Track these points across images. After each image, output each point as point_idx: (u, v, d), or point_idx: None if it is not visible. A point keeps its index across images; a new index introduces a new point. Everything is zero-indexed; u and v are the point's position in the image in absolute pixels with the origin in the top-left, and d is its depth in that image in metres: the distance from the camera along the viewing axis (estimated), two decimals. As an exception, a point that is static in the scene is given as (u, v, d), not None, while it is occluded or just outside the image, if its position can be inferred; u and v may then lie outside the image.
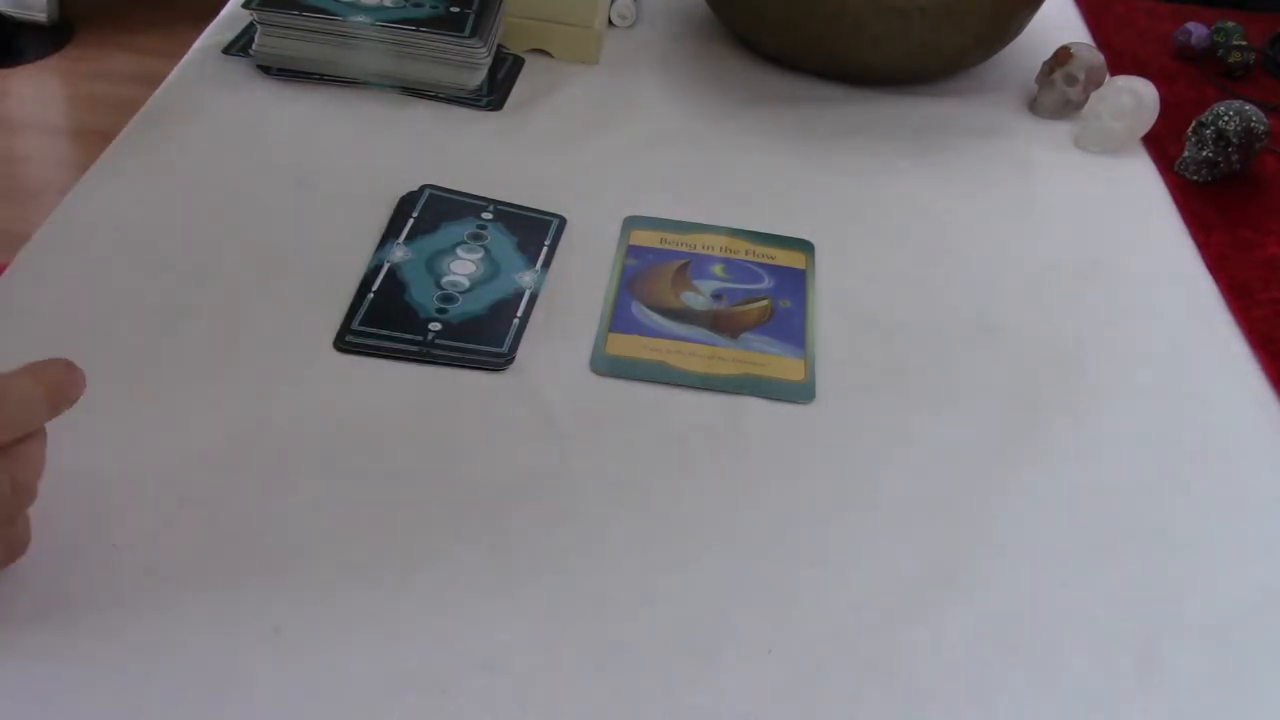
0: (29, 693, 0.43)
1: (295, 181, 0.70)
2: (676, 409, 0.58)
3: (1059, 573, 0.52)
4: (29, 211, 1.92)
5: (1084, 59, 0.84)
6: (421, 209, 0.68)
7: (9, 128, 2.12)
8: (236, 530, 0.49)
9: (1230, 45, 0.94)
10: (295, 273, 0.63)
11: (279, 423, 0.54)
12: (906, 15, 0.78)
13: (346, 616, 0.47)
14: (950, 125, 0.83)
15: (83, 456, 0.51)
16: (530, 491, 0.53)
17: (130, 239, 0.64)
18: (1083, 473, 0.57)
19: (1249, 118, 0.79)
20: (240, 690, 0.44)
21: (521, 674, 0.45)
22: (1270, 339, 0.67)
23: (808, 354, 0.62)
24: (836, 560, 0.51)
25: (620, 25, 0.91)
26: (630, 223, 0.70)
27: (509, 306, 0.62)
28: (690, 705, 0.45)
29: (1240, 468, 0.59)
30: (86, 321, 0.59)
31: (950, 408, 0.60)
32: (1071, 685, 0.47)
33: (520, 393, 0.58)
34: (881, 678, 0.47)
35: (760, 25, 0.84)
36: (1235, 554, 0.54)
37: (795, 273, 0.67)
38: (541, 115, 0.79)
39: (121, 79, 2.27)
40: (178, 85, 0.78)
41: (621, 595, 0.49)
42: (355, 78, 0.78)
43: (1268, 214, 0.79)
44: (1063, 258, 0.72)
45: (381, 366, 0.58)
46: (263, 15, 0.77)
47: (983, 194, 0.77)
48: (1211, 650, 0.49)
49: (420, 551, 0.50)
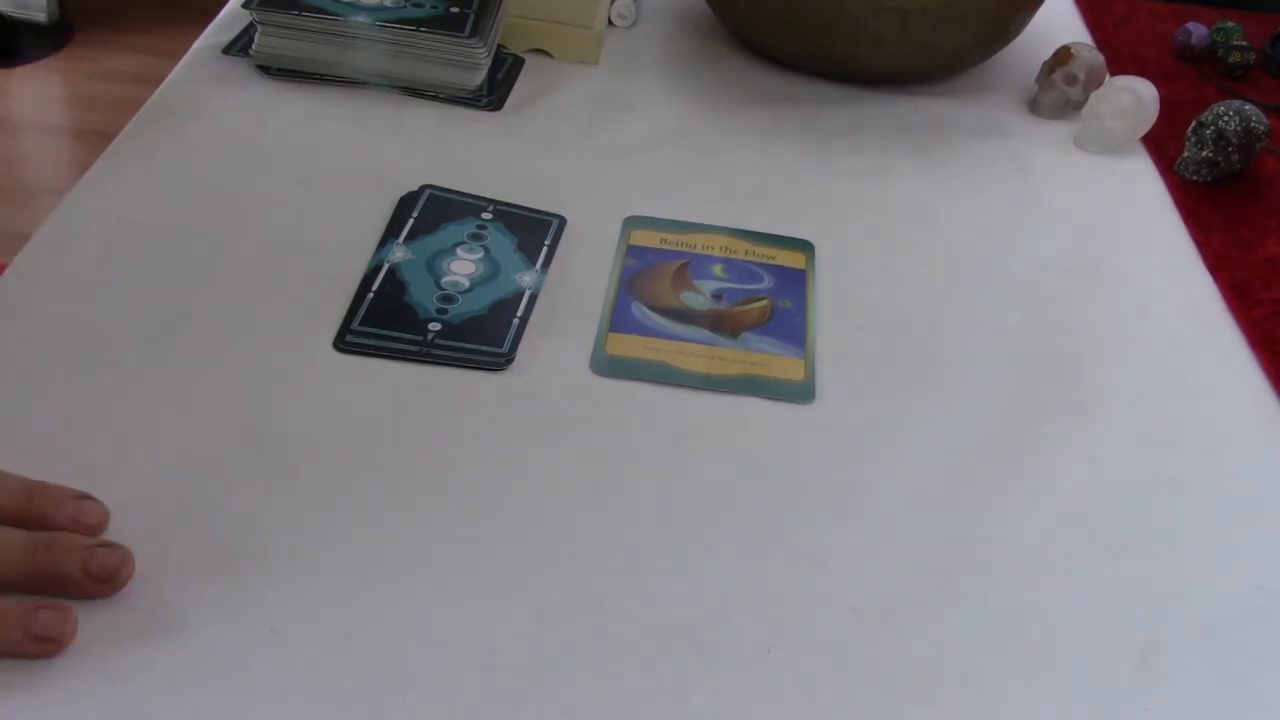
0: (28, 692, 0.43)
1: (295, 181, 0.70)
2: (676, 409, 0.58)
3: (1059, 573, 0.52)
4: (29, 211, 1.92)
5: (1084, 59, 0.84)
6: (421, 209, 0.68)
7: (9, 128, 2.12)
8: (235, 530, 0.49)
9: (1230, 45, 0.94)
10: (295, 273, 0.63)
11: (279, 422, 0.55)
12: (906, 15, 0.78)
13: (345, 616, 0.47)
14: (950, 125, 0.83)
15: (83, 456, 0.52)
16: (530, 491, 0.53)
17: (130, 239, 0.64)
18: (1083, 473, 0.57)
19: (1249, 118, 0.79)
20: (239, 690, 0.44)
21: (521, 674, 0.45)
22: (1270, 339, 0.67)
23: (808, 354, 0.62)
24: (836, 560, 0.51)
25: (620, 25, 0.91)
26: (630, 223, 0.70)
27: (509, 306, 0.62)
28: (690, 705, 0.45)
29: (1240, 468, 0.59)
30: (86, 321, 0.59)
31: (950, 408, 0.60)
32: (1071, 685, 0.47)
33: (520, 393, 0.58)
34: (881, 678, 0.47)
35: (760, 25, 0.84)
36: (1235, 554, 0.54)
37: (795, 273, 0.67)
38: (541, 115, 0.79)
39: (121, 79, 2.27)
40: (178, 85, 0.78)
41: (621, 595, 0.49)
42: (355, 78, 0.78)
43: (1268, 214, 0.79)
44: (1063, 258, 0.72)
45: (381, 366, 0.58)
46: (263, 15, 0.77)
47: (983, 194, 0.77)
48: (1211, 650, 0.49)
49: (419, 551, 0.50)
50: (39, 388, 0.55)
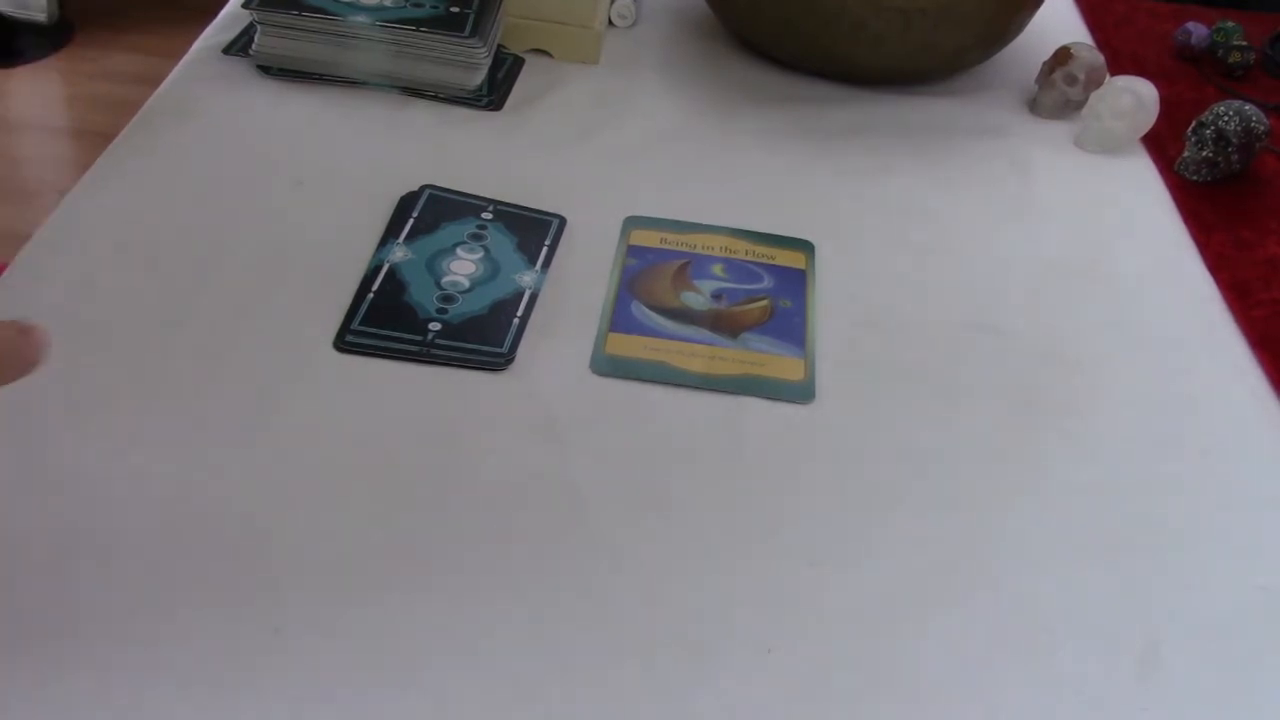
0: (29, 693, 0.43)
1: (295, 181, 0.70)
2: (676, 409, 0.58)
3: (1059, 573, 0.52)
4: (29, 211, 1.92)
5: (1084, 59, 0.84)
6: (421, 209, 0.68)
7: (9, 128, 2.12)
8: (236, 530, 0.49)
9: (1230, 45, 0.94)
10: (295, 273, 0.63)
11: (279, 422, 0.55)
12: (906, 15, 0.78)
13: (346, 616, 0.47)
14: (950, 125, 0.83)
15: (83, 456, 0.52)
16: (530, 491, 0.53)
17: (130, 239, 0.64)
18: (1083, 473, 0.57)
19: (1249, 118, 0.79)
20: (242, 690, 0.44)
21: (521, 674, 0.45)
22: (1270, 339, 0.67)
23: (808, 354, 0.62)
24: (836, 560, 0.51)
25: (620, 25, 0.91)
26: (630, 223, 0.70)
27: (509, 306, 0.62)
28: (690, 705, 0.45)
29: (1240, 468, 0.59)
30: (86, 321, 0.59)
31: (950, 407, 0.60)
32: (1071, 685, 0.47)
33: (520, 393, 0.58)
34: (881, 677, 0.47)
35: (760, 25, 0.84)
36: (1235, 554, 0.54)
37: (795, 273, 0.67)
38: (541, 115, 0.79)
39: (121, 79, 2.27)
40: (178, 85, 0.78)
41: (622, 595, 0.49)
42: (355, 78, 0.78)
43: (1268, 214, 0.79)
44: (1062, 258, 0.72)
45: (381, 366, 0.58)
46: (263, 15, 0.77)
47: (983, 194, 0.77)
48: (1211, 650, 0.49)
49: (420, 551, 0.50)
50: (39, 387, 0.55)
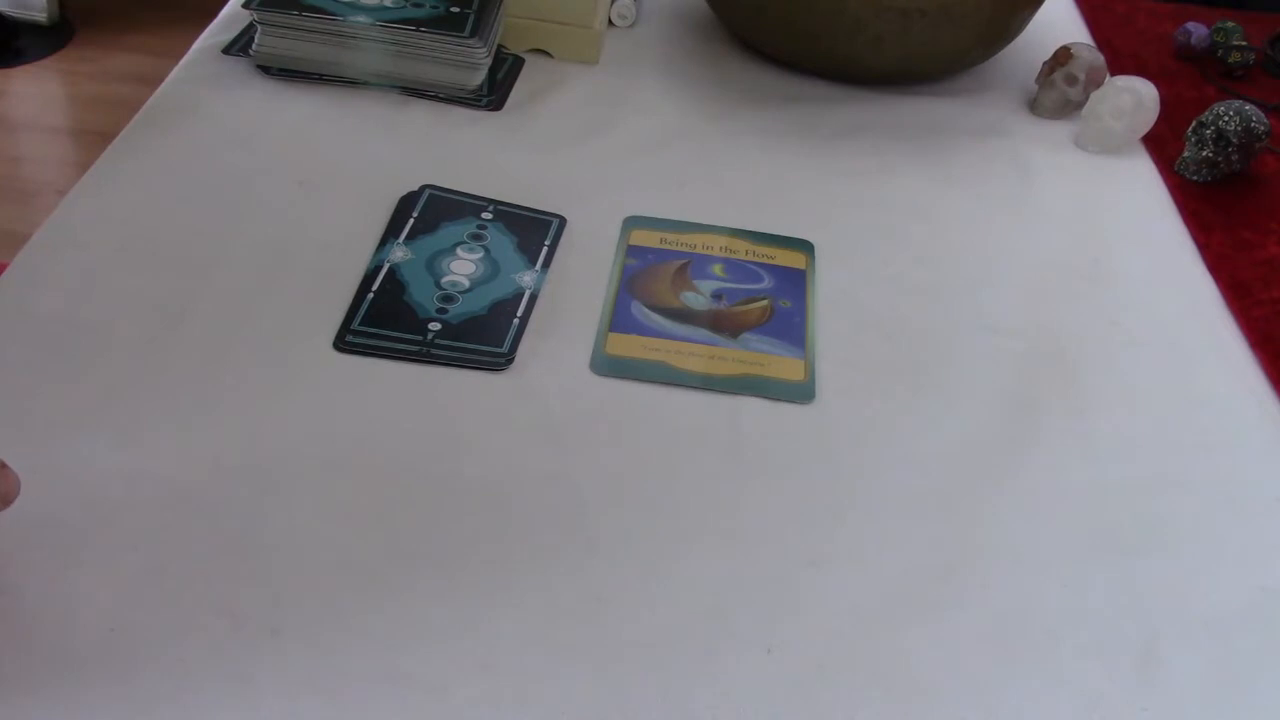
0: (30, 691, 0.43)
1: (295, 181, 0.70)
2: (676, 409, 0.58)
3: (1059, 573, 0.52)
4: (29, 211, 1.92)
5: (1084, 59, 0.84)
6: (421, 209, 0.68)
7: (9, 128, 2.12)
8: (235, 530, 0.49)
9: (1230, 45, 0.94)
10: (295, 273, 0.63)
11: (279, 422, 0.54)
12: (906, 15, 0.78)
13: (346, 617, 0.47)
14: (950, 125, 0.83)
15: (83, 456, 0.52)
16: (530, 491, 0.53)
17: (130, 239, 0.64)
18: (1083, 472, 0.57)
19: (1249, 118, 0.79)
20: (240, 691, 0.44)
21: (521, 674, 0.45)
22: (1270, 339, 0.67)
23: (808, 354, 0.62)
24: (836, 560, 0.51)
25: (620, 25, 0.91)
26: (630, 223, 0.70)
27: (509, 306, 0.62)
28: (690, 705, 0.45)
29: (1240, 467, 0.59)
30: (86, 321, 0.59)
31: (950, 407, 0.60)
32: (1071, 685, 0.47)
33: (520, 393, 0.58)
34: (881, 678, 0.47)
35: (760, 25, 0.84)
36: (1235, 553, 0.54)
37: (795, 273, 0.67)
38: (541, 115, 0.79)
39: (121, 79, 2.27)
40: (178, 85, 0.78)
41: (621, 595, 0.49)
42: (355, 78, 0.78)
43: (1268, 214, 0.79)
44: (1063, 258, 0.72)
45: (381, 366, 0.58)
46: (263, 15, 0.77)
47: (983, 194, 0.77)
48: (1211, 650, 0.49)
49: (419, 551, 0.50)
50: (39, 387, 0.55)
